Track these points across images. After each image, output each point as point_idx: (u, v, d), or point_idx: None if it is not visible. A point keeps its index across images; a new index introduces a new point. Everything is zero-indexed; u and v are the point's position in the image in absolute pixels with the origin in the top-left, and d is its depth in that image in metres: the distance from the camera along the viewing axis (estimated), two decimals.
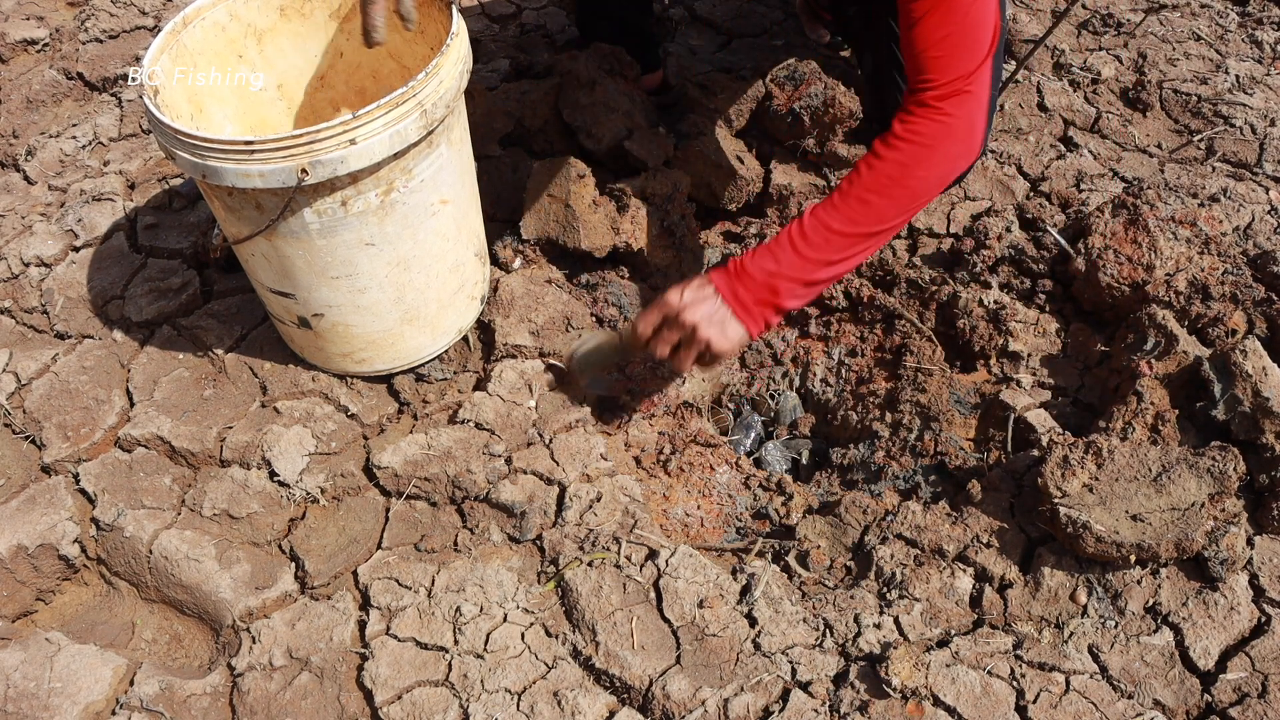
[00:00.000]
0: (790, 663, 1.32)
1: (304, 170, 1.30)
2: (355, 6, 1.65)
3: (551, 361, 1.72)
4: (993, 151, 2.17)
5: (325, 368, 1.70)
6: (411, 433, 1.64)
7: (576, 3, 2.35)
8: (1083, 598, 1.38)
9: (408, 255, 1.51)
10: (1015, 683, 1.30)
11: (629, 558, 1.45)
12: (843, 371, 1.90)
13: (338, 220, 1.40)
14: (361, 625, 1.40)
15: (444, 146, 1.45)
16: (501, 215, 1.98)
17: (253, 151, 1.29)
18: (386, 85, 1.74)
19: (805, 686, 1.30)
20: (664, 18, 2.55)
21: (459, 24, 1.45)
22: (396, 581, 1.44)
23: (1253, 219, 1.96)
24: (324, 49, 1.68)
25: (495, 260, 1.89)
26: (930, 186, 1.46)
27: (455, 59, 1.41)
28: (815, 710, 1.27)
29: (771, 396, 1.93)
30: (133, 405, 1.66)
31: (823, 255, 1.44)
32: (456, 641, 1.36)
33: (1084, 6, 2.62)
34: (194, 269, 1.87)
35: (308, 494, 1.54)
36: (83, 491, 1.54)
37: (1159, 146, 2.22)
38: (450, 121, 1.45)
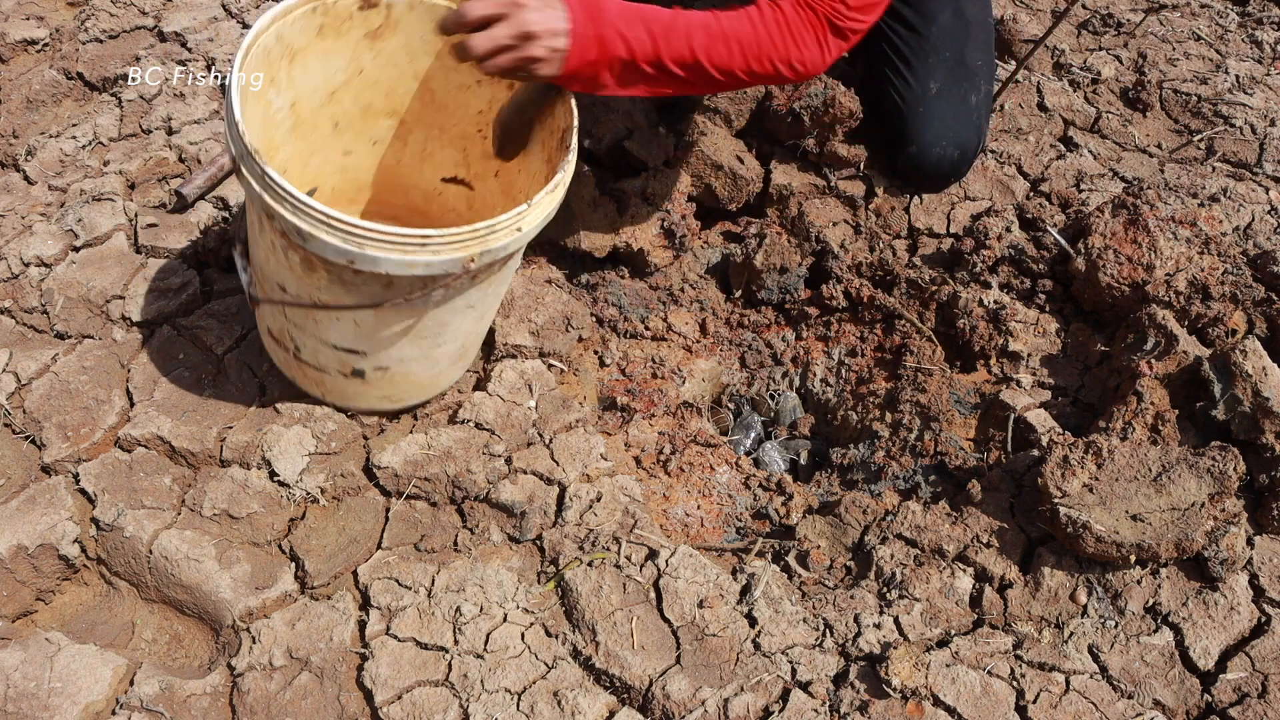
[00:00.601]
0: (790, 663, 1.32)
1: (471, 259, 1.28)
2: (393, 26, 1.60)
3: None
4: (993, 151, 2.17)
5: (351, 407, 1.65)
6: (411, 433, 1.64)
7: None
8: (1083, 598, 1.38)
9: (490, 309, 1.53)
10: (1015, 683, 1.30)
11: (629, 558, 1.45)
12: (843, 371, 1.90)
13: (459, 291, 1.38)
14: (361, 625, 1.40)
15: None
16: None
17: (426, 244, 1.25)
18: (399, 103, 1.72)
19: (805, 686, 1.30)
20: None
21: (573, 107, 1.44)
22: (396, 581, 1.44)
23: (1253, 219, 1.96)
24: (344, 66, 1.64)
25: None
26: (759, 75, 1.49)
27: (575, 132, 1.41)
28: (815, 710, 1.27)
29: (771, 396, 1.93)
30: (133, 405, 1.66)
31: (670, 49, 1.41)
32: (456, 641, 1.36)
33: (1084, 6, 2.62)
34: (194, 269, 1.87)
35: (308, 494, 1.54)
36: (83, 491, 1.54)
37: (1159, 146, 2.22)
38: None
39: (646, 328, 1.92)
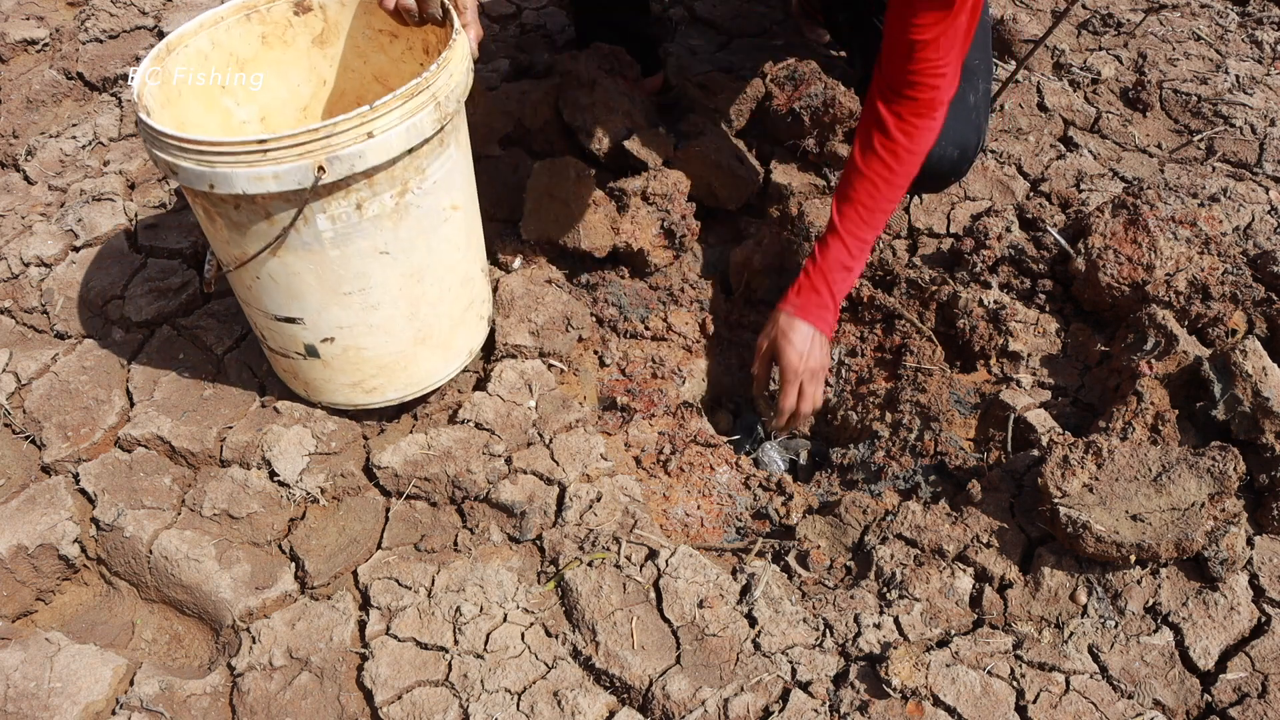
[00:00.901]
0: (790, 663, 1.32)
1: (321, 168, 1.25)
2: (335, 29, 1.60)
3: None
4: (993, 151, 2.17)
5: (331, 403, 1.64)
6: (411, 432, 1.64)
7: (575, 13, 2.34)
8: (1083, 598, 1.38)
9: (421, 265, 1.48)
10: (1015, 683, 1.30)
11: (629, 558, 1.45)
12: (843, 371, 1.90)
13: (352, 226, 1.36)
14: (361, 625, 1.40)
15: (453, 147, 1.45)
16: (501, 215, 1.98)
17: (266, 150, 1.23)
18: None
19: (805, 686, 1.30)
20: (664, 18, 2.55)
21: (459, 21, 1.44)
22: (396, 581, 1.44)
23: (1253, 219, 1.96)
24: (306, 78, 1.63)
25: (495, 260, 1.89)
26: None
27: (461, 54, 1.40)
28: (815, 710, 1.27)
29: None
30: (133, 405, 1.66)
31: (868, 256, 1.69)
32: (456, 641, 1.36)
33: (1084, 6, 2.62)
34: (194, 269, 1.87)
35: (308, 494, 1.54)
36: (83, 491, 1.54)
37: (1159, 146, 2.22)
38: (458, 122, 1.44)
39: (646, 328, 1.92)
